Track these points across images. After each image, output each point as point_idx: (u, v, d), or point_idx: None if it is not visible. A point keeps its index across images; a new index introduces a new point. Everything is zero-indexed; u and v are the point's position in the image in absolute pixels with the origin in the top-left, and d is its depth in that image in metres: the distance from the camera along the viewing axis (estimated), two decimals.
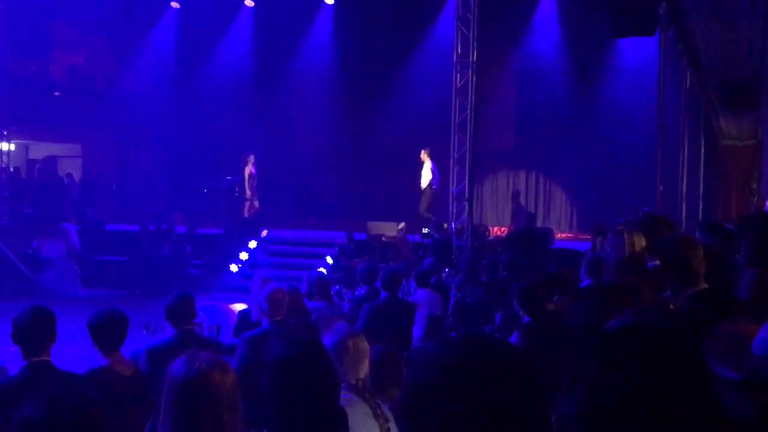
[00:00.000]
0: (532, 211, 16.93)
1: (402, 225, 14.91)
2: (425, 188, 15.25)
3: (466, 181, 13.91)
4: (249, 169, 16.56)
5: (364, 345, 3.24)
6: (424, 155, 15.42)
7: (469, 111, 13.76)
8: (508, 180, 18.77)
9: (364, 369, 3.21)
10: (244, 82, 19.13)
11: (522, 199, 18.53)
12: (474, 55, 13.76)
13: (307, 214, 18.51)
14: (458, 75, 14.08)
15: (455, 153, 14.30)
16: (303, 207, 18.77)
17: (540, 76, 17.66)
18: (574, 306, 4.92)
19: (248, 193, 16.39)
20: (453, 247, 12.51)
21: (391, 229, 14.80)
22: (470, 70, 13.76)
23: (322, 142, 19.18)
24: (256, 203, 16.63)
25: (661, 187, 14.50)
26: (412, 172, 16.89)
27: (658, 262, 3.72)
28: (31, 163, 20.90)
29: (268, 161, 18.35)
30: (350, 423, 2.78)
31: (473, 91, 13.64)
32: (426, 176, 15.25)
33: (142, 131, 19.76)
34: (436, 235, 12.43)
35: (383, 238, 14.29)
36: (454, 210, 14.39)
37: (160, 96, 19.22)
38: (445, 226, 13.58)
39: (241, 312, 6.61)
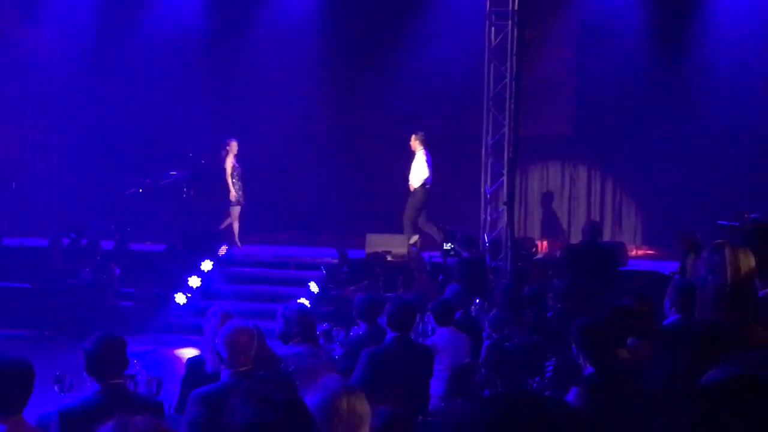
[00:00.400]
0: (597, 219, 16.93)
1: (415, 238, 14.90)
2: (416, 189, 15.28)
3: (505, 178, 13.93)
4: (231, 161, 16.24)
5: (363, 406, 3.23)
6: (415, 142, 15.47)
7: (508, 80, 13.79)
8: (563, 176, 18.77)
9: None
10: (195, 46, 19.14)
11: (582, 203, 18.54)
12: (515, 2, 13.77)
13: (283, 225, 18.53)
14: (493, 29, 14.08)
15: (489, 138, 14.31)
16: (277, 215, 18.77)
17: (609, 34, 17.65)
18: (656, 352, 4.90)
19: (233, 193, 16.22)
20: (487, 270, 12.50)
21: (399, 244, 14.81)
22: (510, 23, 13.78)
23: (304, 128, 19.18)
24: (237, 208, 16.37)
25: None
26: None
27: None
28: None
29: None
30: None
31: (514, 53, 13.66)
32: (419, 172, 15.31)
33: (51, 113, 19.77)
34: (463, 253, 12.42)
35: (388, 257, 14.28)
36: (488, 217, 14.39)
37: (76, 65, 19.24)
38: (473, 239, 13.60)
39: (192, 360, 6.60)
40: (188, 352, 11.04)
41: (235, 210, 16.29)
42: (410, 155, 16.01)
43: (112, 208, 18.07)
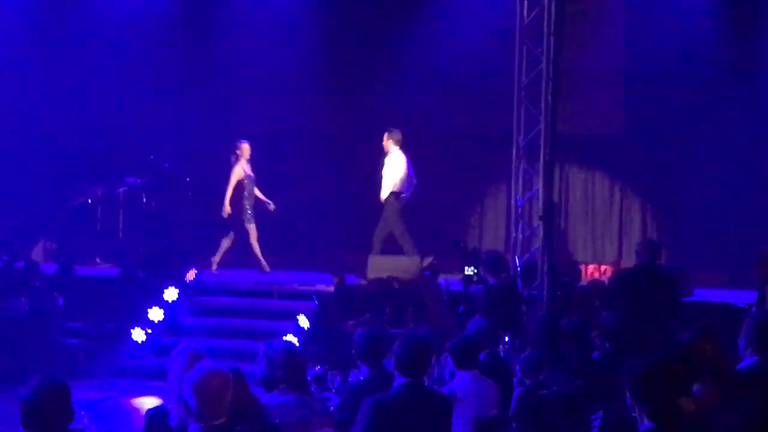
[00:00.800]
0: (654, 238, 16.87)
1: (429, 260, 14.89)
2: (388, 198, 15.56)
3: (540, 186, 13.88)
4: (241, 169, 16.45)
5: None
6: (387, 142, 15.76)
7: (544, 65, 13.76)
8: (612, 185, 18.74)
9: None
10: (160, 28, 19.11)
11: (635, 218, 18.50)
12: None
13: (267, 244, 18.45)
14: (525, 3, 14.09)
15: (520, 137, 14.31)
16: (259, 232, 18.73)
17: (666, 8, 17.66)
18: (729, 402, 4.90)
19: (247, 210, 16.39)
20: (519, 300, 12.48)
21: (409, 268, 14.80)
22: None
23: (295, 129, 19.19)
24: (250, 224, 16.54)
25: None
26: (443, 172, 16.90)
27: None
28: None
29: (201, 159, 18.44)
30: None
31: (552, 32, 13.64)
32: (390, 177, 15.59)
33: None
34: (489, 279, 12.37)
35: (395, 284, 14.26)
36: (520, 235, 14.37)
37: (7, 49, 19.21)
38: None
39: (152, 412, 6.57)
40: (148, 402, 11.01)
41: (252, 228, 16.59)
42: (424, 162, 16.04)
43: (54, 224, 18.07)
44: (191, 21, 19.23)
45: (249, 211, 16.59)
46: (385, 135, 15.77)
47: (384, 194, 15.66)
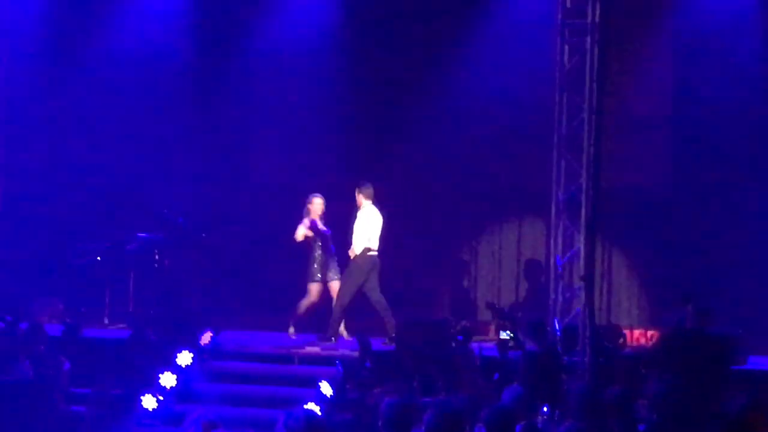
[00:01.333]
0: (705, 301, 16.69)
1: (461, 324, 14.84)
2: (357, 256, 15.87)
3: (582, 245, 13.84)
4: (304, 227, 16.53)
5: None
6: (359, 196, 16.14)
7: (586, 114, 13.77)
8: (658, 239, 18.58)
9: None
10: (173, 73, 19.21)
11: (684, 279, 18.33)
12: (596, 12, 13.78)
13: (286, 304, 18.44)
14: (566, 48, 14.10)
15: (560, 192, 14.27)
16: (277, 291, 18.69)
17: (720, 53, 17.59)
18: None
19: (314, 268, 16.44)
20: (560, 368, 12.40)
21: (439, 332, 14.73)
22: (589, 40, 13.79)
23: (315, 179, 19.16)
24: (312, 284, 16.53)
25: None
26: (476, 227, 16.87)
27: None
28: None
29: (218, 214, 18.55)
30: None
31: (594, 79, 13.65)
32: (363, 232, 15.85)
33: None
34: (527, 345, 12.31)
35: (426, 349, 14.20)
36: (559, 297, 14.29)
37: (19, 95, 19.34)
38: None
39: None
40: None
41: (312, 288, 16.56)
42: (452, 216, 16.05)
43: (60, 282, 18.09)
44: (207, 68, 19.32)
45: (315, 270, 16.46)
46: (356, 190, 16.09)
47: (357, 250, 15.86)
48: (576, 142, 14.04)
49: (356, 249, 15.88)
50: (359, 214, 16.08)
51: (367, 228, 15.89)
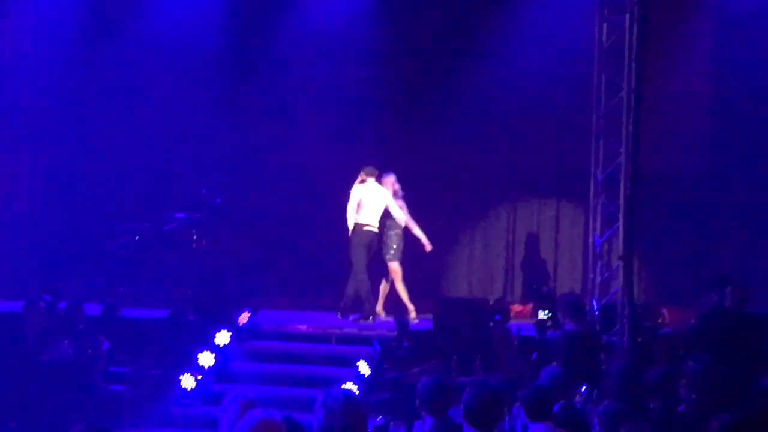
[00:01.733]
0: (744, 282, 16.61)
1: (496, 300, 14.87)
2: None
3: (621, 224, 13.79)
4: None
5: None
6: (363, 175, 16.18)
7: (625, 93, 13.71)
8: (698, 222, 18.51)
9: None
10: (211, 59, 19.24)
11: (722, 259, 18.25)
12: None
13: (323, 285, 18.50)
14: (605, 26, 14.04)
15: (599, 171, 14.23)
16: (315, 271, 18.78)
17: (762, 24, 17.47)
18: None
19: (391, 246, 16.38)
20: (600, 348, 12.35)
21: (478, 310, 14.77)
22: (628, 18, 13.71)
23: (352, 161, 19.19)
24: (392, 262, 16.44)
25: None
26: (515, 207, 16.87)
27: None
28: None
29: (247, 191, 18.61)
30: None
31: (633, 58, 13.58)
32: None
33: (20, 140, 19.87)
34: (566, 325, 12.26)
35: (464, 329, 14.21)
36: (598, 277, 14.25)
37: (49, 85, 19.40)
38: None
39: None
40: None
41: (393, 266, 16.47)
42: (491, 196, 15.99)
43: (99, 263, 18.19)
44: (244, 51, 19.39)
45: (393, 248, 16.38)
46: (362, 171, 16.21)
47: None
48: (615, 122, 13.97)
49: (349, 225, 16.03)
50: (380, 194, 16.07)
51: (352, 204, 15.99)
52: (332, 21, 18.97)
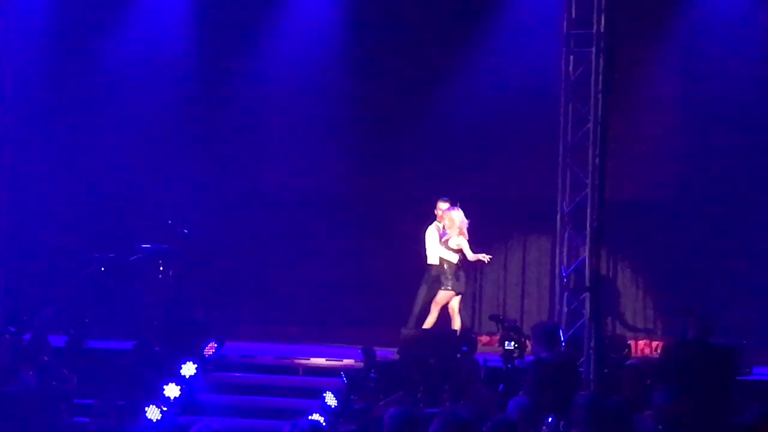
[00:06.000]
0: (707, 313, 16.72)
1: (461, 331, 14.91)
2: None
3: (587, 255, 13.87)
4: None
5: None
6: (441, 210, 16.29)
7: (591, 125, 13.79)
8: (663, 252, 18.61)
9: None
10: (181, 81, 19.23)
11: (690, 288, 18.36)
12: (601, 23, 13.77)
13: (290, 316, 18.52)
14: (571, 58, 14.15)
15: (565, 203, 14.32)
16: (281, 302, 18.77)
17: (730, 65, 17.61)
18: None
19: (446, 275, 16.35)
20: (577, 377, 12.40)
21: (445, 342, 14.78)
22: (594, 50, 13.77)
23: (320, 190, 19.22)
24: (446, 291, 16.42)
25: None
26: (482, 237, 16.92)
27: None
28: None
29: (224, 224, 18.56)
30: None
31: (600, 89, 13.67)
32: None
33: None
34: (542, 354, 12.30)
35: (432, 360, 14.24)
36: (565, 307, 14.32)
37: (15, 105, 19.34)
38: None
39: None
40: None
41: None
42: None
43: (64, 293, 18.09)
44: (213, 77, 19.34)
45: (449, 277, 16.35)
46: (439, 203, 16.37)
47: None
48: (582, 152, 14.06)
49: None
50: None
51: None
52: (305, 42, 19.09)
